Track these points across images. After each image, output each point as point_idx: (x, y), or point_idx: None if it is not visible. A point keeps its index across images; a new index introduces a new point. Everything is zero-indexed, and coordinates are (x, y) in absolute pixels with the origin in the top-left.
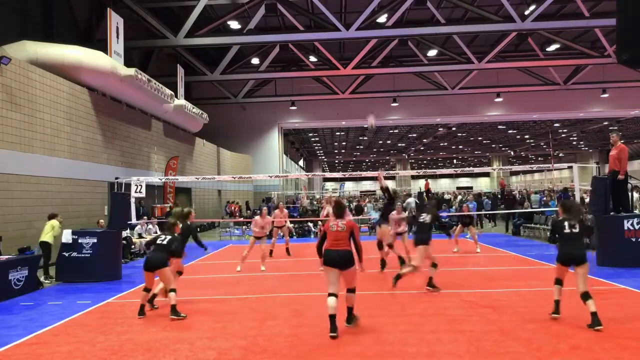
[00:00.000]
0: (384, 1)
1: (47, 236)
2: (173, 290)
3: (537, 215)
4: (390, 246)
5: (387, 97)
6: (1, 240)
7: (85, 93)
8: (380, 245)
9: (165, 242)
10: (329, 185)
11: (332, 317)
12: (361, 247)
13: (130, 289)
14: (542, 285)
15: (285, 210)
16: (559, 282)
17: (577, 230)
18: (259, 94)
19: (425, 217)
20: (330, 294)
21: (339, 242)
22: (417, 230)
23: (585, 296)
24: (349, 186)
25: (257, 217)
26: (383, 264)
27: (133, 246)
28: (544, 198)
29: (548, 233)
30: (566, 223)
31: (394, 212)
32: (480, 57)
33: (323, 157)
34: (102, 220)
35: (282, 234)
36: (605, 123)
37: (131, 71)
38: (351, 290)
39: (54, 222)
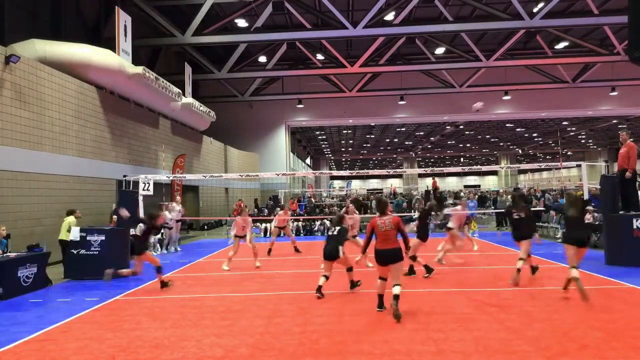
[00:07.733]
0: None
1: (63, 234)
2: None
3: (545, 214)
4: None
5: (395, 95)
6: (10, 238)
7: (94, 91)
8: None
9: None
10: (336, 183)
11: (381, 296)
12: (408, 237)
13: (138, 287)
14: (550, 284)
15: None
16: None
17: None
18: (266, 92)
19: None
20: (380, 277)
21: (389, 240)
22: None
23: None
24: (356, 184)
25: (238, 218)
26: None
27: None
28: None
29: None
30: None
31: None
32: (489, 54)
33: (330, 155)
34: (114, 217)
35: (284, 233)
36: (615, 121)
37: (139, 69)
38: (397, 284)
39: (71, 219)
